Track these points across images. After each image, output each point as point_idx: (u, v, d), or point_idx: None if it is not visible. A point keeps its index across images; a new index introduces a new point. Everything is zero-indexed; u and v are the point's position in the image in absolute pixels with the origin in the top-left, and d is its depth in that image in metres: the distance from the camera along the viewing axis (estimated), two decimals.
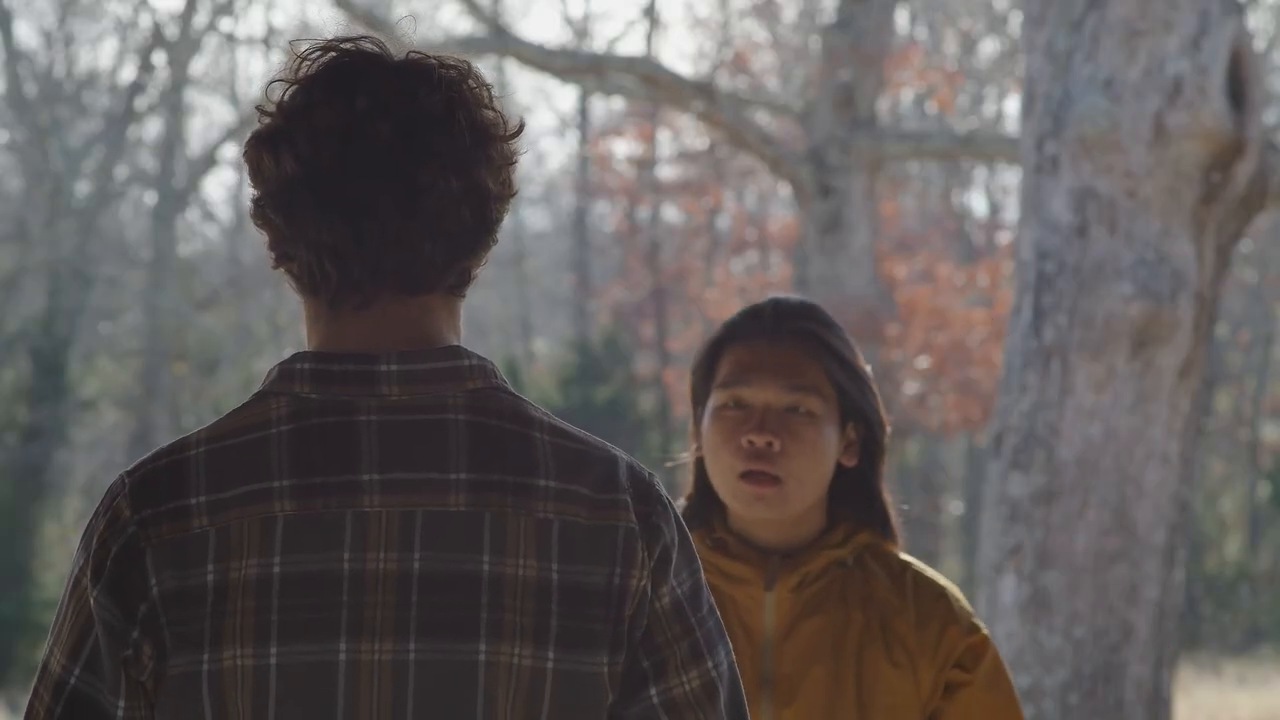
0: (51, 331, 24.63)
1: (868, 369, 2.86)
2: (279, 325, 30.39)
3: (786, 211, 27.27)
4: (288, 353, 2.14)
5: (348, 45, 2.02)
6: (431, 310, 2.00)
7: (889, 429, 2.85)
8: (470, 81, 2.01)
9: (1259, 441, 28.08)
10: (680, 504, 2.87)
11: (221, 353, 27.42)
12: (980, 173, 29.67)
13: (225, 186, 45.30)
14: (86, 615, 1.96)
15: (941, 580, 2.84)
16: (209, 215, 32.21)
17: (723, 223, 29.62)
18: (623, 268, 30.36)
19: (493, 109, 2.02)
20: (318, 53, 2.02)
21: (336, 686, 1.90)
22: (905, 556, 2.86)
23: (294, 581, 1.91)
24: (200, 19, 27.84)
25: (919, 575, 2.82)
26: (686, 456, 2.92)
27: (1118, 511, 6.70)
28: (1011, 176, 28.11)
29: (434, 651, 1.91)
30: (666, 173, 29.50)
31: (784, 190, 26.48)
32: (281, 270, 2.04)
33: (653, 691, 1.97)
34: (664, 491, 2.03)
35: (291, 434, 1.95)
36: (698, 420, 2.88)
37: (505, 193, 2.02)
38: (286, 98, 1.99)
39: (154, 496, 1.96)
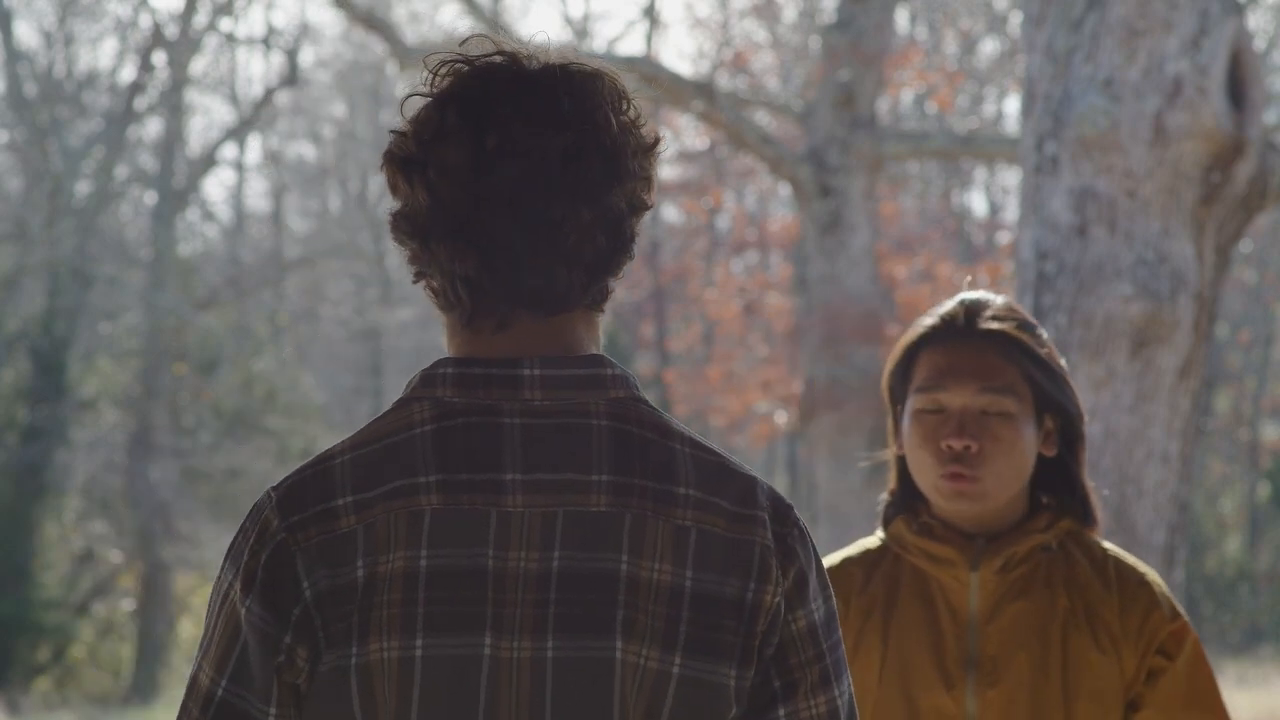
0: (51, 331, 24.62)
1: (1062, 362, 2.93)
2: (279, 325, 30.40)
3: (786, 211, 27.28)
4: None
5: (482, 61, 2.02)
6: (570, 325, 2.02)
7: (1086, 418, 2.92)
8: (604, 99, 2.00)
9: (1259, 441, 28.08)
10: (883, 498, 2.97)
11: (221, 353, 27.41)
12: (980, 173, 29.68)
13: (225, 186, 45.31)
14: (235, 627, 1.99)
15: (1142, 567, 2.89)
16: (209, 215, 32.21)
17: (723, 223, 29.63)
18: None
19: (626, 128, 2.01)
20: (449, 65, 2.02)
21: (480, 680, 1.93)
22: (1106, 544, 2.92)
23: (440, 575, 1.94)
24: (200, 19, 27.84)
25: (1120, 561, 2.88)
26: (887, 455, 3.00)
27: (1118, 511, 6.71)
28: (1011, 176, 28.12)
29: (571, 649, 1.93)
30: (666, 173, 29.50)
31: (784, 190, 26.49)
32: (421, 285, 2.05)
33: (781, 712, 2.00)
34: (801, 518, 2.04)
35: (435, 433, 1.98)
36: (896, 420, 2.96)
37: (642, 204, 2.03)
38: (421, 118, 2.00)
39: (301, 503, 1.98)
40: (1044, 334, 2.91)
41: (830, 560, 2.96)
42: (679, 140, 28.58)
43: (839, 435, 14.19)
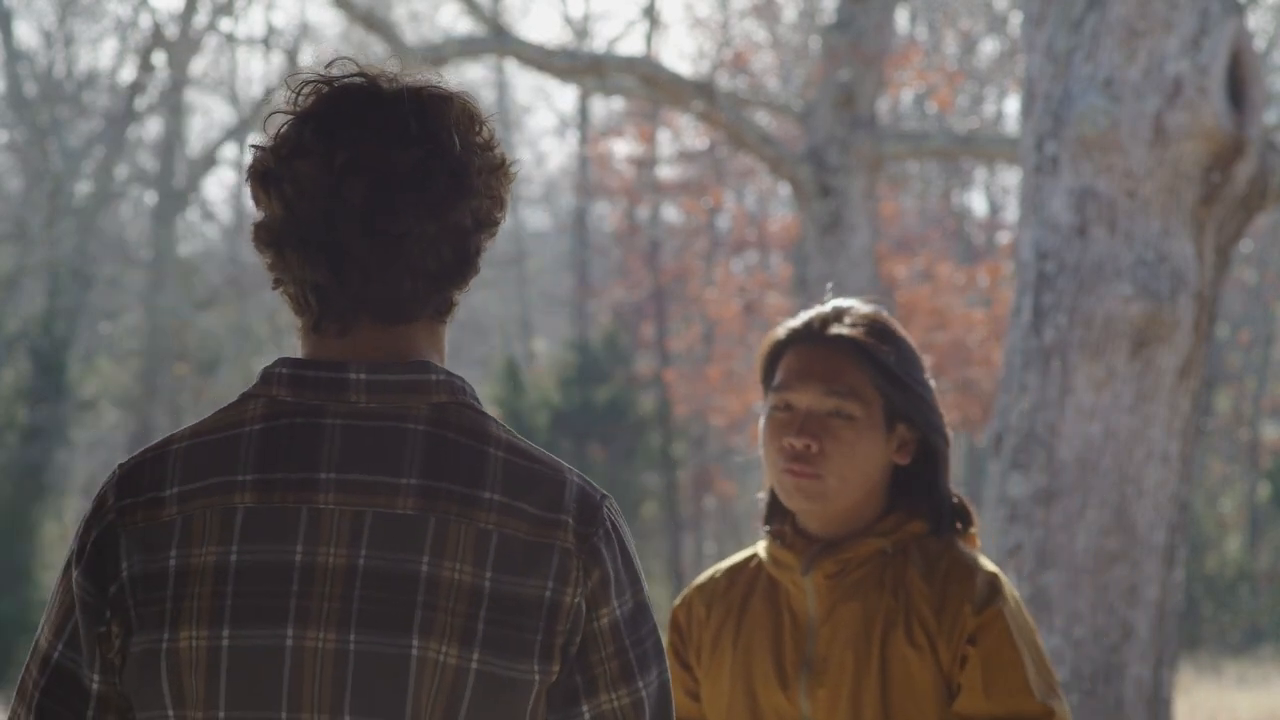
0: (51, 331, 24.62)
1: (928, 381, 3.01)
2: (279, 325, 30.35)
3: (786, 211, 27.27)
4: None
5: (340, 81, 2.14)
6: (411, 336, 2.14)
7: (949, 443, 2.98)
8: (452, 120, 2.12)
9: (1259, 441, 28.08)
10: (760, 497, 3.07)
11: (221, 353, 27.41)
12: (980, 173, 29.67)
13: (225, 186, 45.25)
14: (69, 596, 2.14)
15: (981, 566, 2.93)
16: (209, 215, 32.20)
17: (723, 223, 29.62)
18: (623, 268, 30.35)
19: (473, 148, 2.13)
20: (312, 85, 2.14)
21: (282, 670, 2.05)
22: (962, 548, 2.95)
23: (249, 569, 2.07)
24: (200, 19, 27.84)
25: (956, 561, 2.93)
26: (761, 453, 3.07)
27: (1118, 511, 6.70)
28: (1011, 176, 28.11)
29: (371, 643, 2.05)
30: (666, 173, 29.50)
31: (784, 190, 26.48)
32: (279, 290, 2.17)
33: (584, 708, 2.12)
34: (612, 515, 2.14)
35: (261, 433, 2.11)
36: None
37: (488, 220, 2.15)
38: (281, 134, 2.13)
39: (136, 487, 2.14)
40: (908, 348, 3.01)
41: (707, 571, 3.09)
42: (679, 140, 28.59)
43: None
